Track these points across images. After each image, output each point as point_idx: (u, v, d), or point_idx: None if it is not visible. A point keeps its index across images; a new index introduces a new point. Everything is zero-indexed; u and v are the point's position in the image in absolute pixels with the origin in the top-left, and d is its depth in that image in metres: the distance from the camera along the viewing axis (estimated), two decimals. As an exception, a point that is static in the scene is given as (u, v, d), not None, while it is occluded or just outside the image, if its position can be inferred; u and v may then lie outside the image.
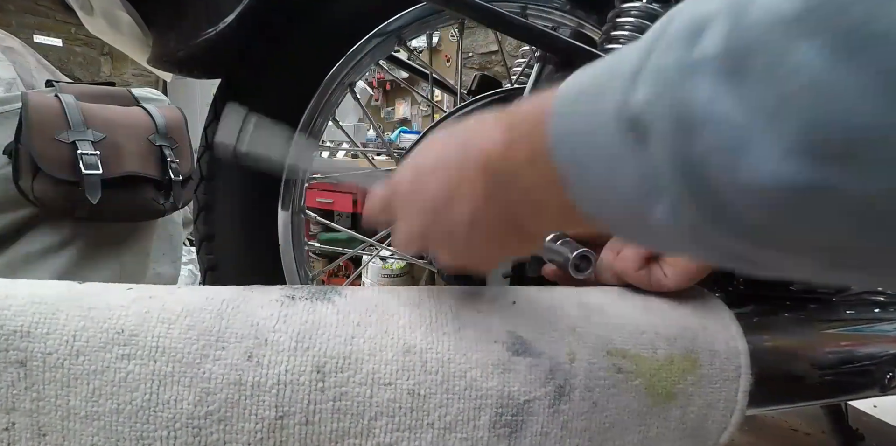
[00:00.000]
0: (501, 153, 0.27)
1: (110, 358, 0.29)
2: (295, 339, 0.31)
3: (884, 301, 0.56)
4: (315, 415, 0.30)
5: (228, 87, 0.56)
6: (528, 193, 0.26)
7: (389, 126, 3.54)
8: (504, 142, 0.27)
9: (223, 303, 0.32)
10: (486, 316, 0.35)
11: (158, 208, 1.09)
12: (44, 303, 0.30)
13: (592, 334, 0.35)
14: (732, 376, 0.37)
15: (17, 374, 0.29)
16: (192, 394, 0.29)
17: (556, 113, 0.23)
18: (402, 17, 0.57)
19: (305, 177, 0.61)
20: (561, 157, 0.23)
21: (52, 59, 2.76)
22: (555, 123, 0.23)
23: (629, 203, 0.21)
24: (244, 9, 0.47)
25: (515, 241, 0.31)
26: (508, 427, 0.32)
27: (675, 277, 0.39)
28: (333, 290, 0.36)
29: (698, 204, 0.18)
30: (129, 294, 0.32)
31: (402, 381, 0.31)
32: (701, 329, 0.38)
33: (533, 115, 0.25)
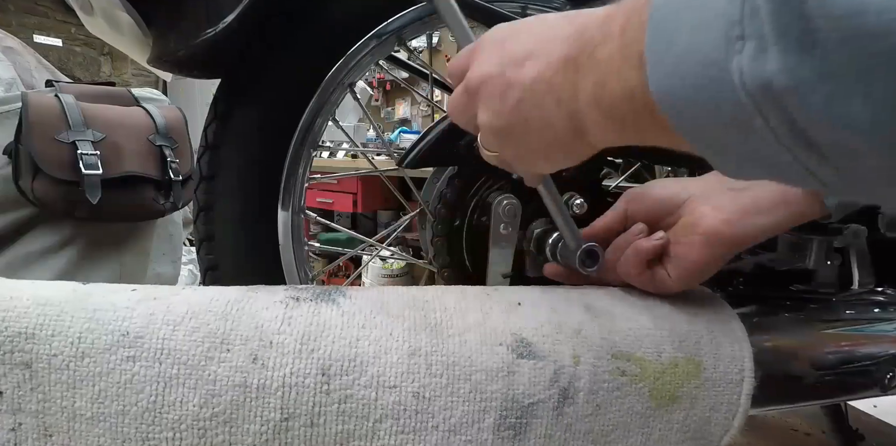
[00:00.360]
0: (598, 22, 0.26)
1: (115, 359, 0.29)
2: (300, 341, 0.31)
3: (884, 301, 0.56)
4: (320, 418, 0.30)
5: (228, 87, 0.56)
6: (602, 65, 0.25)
7: (389, 126, 3.54)
8: (605, 14, 0.26)
9: (228, 304, 0.32)
10: (491, 318, 0.35)
11: (158, 208, 1.09)
12: (48, 304, 0.30)
13: (597, 337, 0.35)
14: (736, 379, 0.37)
15: (22, 376, 0.29)
16: (198, 396, 0.29)
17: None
18: (402, 17, 0.57)
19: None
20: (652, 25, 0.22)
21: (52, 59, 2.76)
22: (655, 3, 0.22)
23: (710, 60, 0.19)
24: (244, 9, 0.47)
25: (563, 131, 0.29)
26: (513, 429, 0.32)
27: (679, 278, 0.39)
28: (338, 291, 0.36)
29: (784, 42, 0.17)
30: (134, 295, 0.32)
31: (406, 384, 0.31)
32: (706, 332, 0.38)
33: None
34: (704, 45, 0.20)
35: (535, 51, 0.29)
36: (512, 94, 0.30)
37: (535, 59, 0.29)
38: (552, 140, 0.30)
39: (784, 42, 0.17)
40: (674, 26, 0.21)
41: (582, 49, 0.27)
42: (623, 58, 0.24)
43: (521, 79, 0.29)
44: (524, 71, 0.29)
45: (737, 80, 0.19)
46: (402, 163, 0.53)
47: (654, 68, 0.22)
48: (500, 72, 0.30)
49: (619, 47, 0.24)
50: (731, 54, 0.19)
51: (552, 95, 0.28)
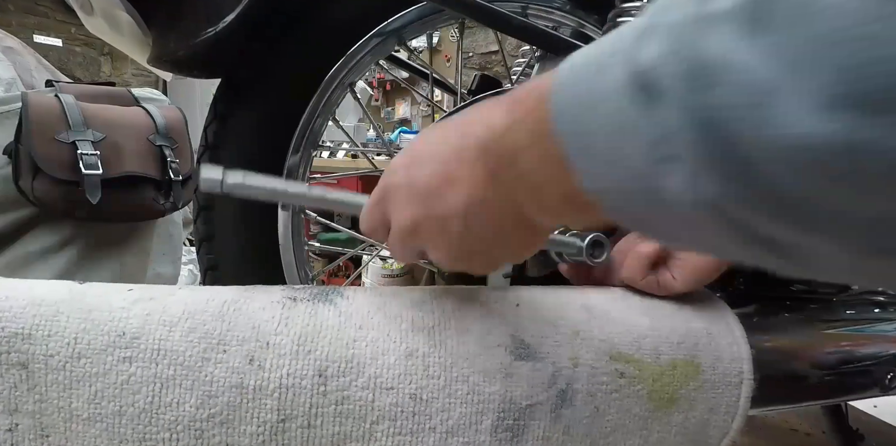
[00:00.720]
0: (501, 134, 0.26)
1: (112, 360, 0.29)
2: (297, 343, 0.31)
3: (884, 301, 0.56)
4: (317, 419, 0.30)
5: (228, 87, 0.56)
6: (529, 176, 0.25)
7: (389, 126, 3.54)
8: (504, 124, 0.26)
9: (224, 304, 0.32)
10: (489, 319, 0.35)
11: (158, 208, 1.09)
12: (44, 304, 0.30)
13: (596, 338, 0.35)
14: (735, 381, 0.37)
15: (19, 376, 0.29)
16: (194, 397, 0.29)
17: (556, 89, 0.22)
18: (402, 17, 0.57)
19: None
20: (563, 132, 0.21)
21: (52, 59, 2.76)
22: (556, 98, 0.22)
23: (639, 174, 0.19)
24: (244, 9, 0.47)
25: (516, 234, 0.29)
26: (510, 431, 0.32)
27: (684, 280, 0.39)
28: (335, 291, 0.35)
29: (720, 168, 0.16)
30: (130, 295, 0.32)
31: (404, 386, 0.31)
32: (704, 333, 0.38)
33: (533, 95, 0.24)
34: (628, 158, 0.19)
35: (449, 177, 0.28)
36: (452, 226, 0.28)
37: (454, 186, 0.28)
38: (511, 244, 0.30)
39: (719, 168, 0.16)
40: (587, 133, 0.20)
41: (498, 163, 0.26)
42: (547, 166, 0.23)
43: (453, 209, 0.28)
44: (451, 201, 0.28)
45: (674, 198, 0.18)
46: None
47: (584, 176, 0.21)
48: (429, 210, 0.29)
49: (539, 157, 0.24)
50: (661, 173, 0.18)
51: (492, 212, 0.28)
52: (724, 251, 0.21)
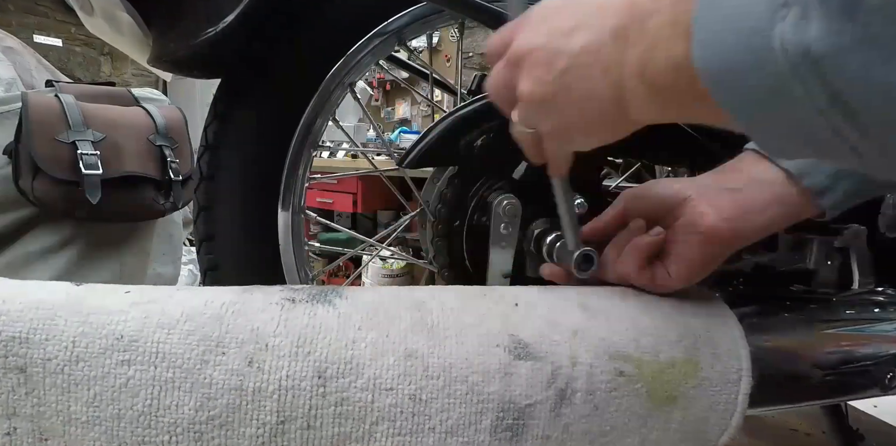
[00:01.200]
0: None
1: (110, 363, 0.29)
2: (296, 344, 0.31)
3: (884, 301, 0.56)
4: (317, 420, 0.30)
5: (228, 87, 0.56)
6: (652, 36, 0.25)
7: (389, 126, 3.54)
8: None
9: (222, 306, 0.32)
10: (488, 319, 0.35)
11: (158, 208, 1.09)
12: (41, 308, 0.30)
13: (595, 337, 0.35)
14: (733, 378, 0.37)
15: (17, 380, 0.29)
16: (194, 400, 0.29)
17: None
18: (402, 17, 0.57)
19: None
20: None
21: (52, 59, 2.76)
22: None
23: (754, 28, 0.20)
24: (244, 9, 0.47)
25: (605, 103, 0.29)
26: (510, 430, 0.32)
27: (678, 276, 0.39)
28: (334, 292, 0.35)
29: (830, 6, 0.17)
30: (128, 297, 0.32)
31: (403, 386, 0.31)
32: (703, 331, 0.38)
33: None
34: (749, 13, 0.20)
35: (585, 21, 0.29)
36: (558, 62, 0.29)
37: (584, 30, 0.29)
38: (594, 112, 0.30)
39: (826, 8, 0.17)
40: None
41: (632, 19, 0.27)
42: (672, 28, 0.24)
43: (569, 47, 0.29)
44: (572, 40, 0.29)
45: (778, 48, 0.19)
46: (402, 163, 0.53)
47: (698, 38, 0.22)
48: (547, 42, 0.30)
49: (670, 18, 0.25)
50: (775, 21, 0.19)
51: (599, 65, 0.28)
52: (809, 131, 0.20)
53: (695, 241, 0.39)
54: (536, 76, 0.31)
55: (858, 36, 0.17)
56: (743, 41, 0.20)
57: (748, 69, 0.21)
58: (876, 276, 0.59)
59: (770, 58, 0.19)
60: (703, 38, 0.22)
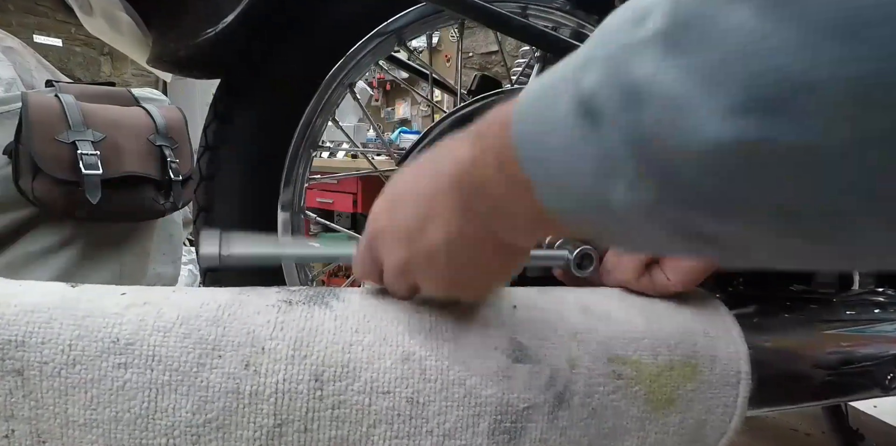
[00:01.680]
0: (470, 166, 0.27)
1: (107, 366, 0.29)
2: (292, 347, 0.31)
3: (884, 301, 0.56)
4: (314, 423, 0.30)
5: (228, 87, 0.56)
6: (499, 202, 0.27)
7: (389, 126, 3.54)
8: (470, 157, 0.27)
9: (219, 309, 0.32)
10: (487, 321, 0.35)
11: (158, 208, 1.09)
12: (37, 311, 0.30)
13: (594, 341, 0.35)
14: (732, 381, 0.37)
15: (14, 383, 0.29)
16: (190, 403, 0.29)
17: (515, 118, 0.24)
18: (402, 17, 0.57)
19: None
20: (524, 158, 0.23)
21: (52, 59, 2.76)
22: (516, 127, 0.24)
23: (589, 190, 0.21)
24: (244, 9, 0.47)
25: (498, 258, 0.31)
26: (507, 434, 0.32)
27: (678, 280, 0.39)
28: (331, 293, 0.35)
29: (653, 177, 0.18)
30: (123, 300, 0.32)
31: (400, 389, 0.31)
32: (702, 334, 0.38)
33: (496, 125, 0.26)
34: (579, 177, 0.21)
35: (426, 214, 0.30)
36: (438, 259, 0.30)
37: (432, 222, 0.29)
38: (497, 267, 0.32)
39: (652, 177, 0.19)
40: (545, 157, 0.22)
41: (469, 195, 0.28)
42: (514, 192, 0.25)
43: (435, 244, 0.30)
44: (431, 237, 0.29)
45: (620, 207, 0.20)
46: (402, 164, 0.53)
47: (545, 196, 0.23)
48: (413, 248, 0.30)
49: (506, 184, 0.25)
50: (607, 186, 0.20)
51: (471, 242, 0.29)
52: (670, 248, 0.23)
53: None
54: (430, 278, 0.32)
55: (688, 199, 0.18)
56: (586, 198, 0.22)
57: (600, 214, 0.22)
58: (876, 276, 0.59)
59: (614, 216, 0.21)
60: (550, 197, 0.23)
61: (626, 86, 0.18)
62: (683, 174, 0.18)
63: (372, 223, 0.33)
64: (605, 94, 0.19)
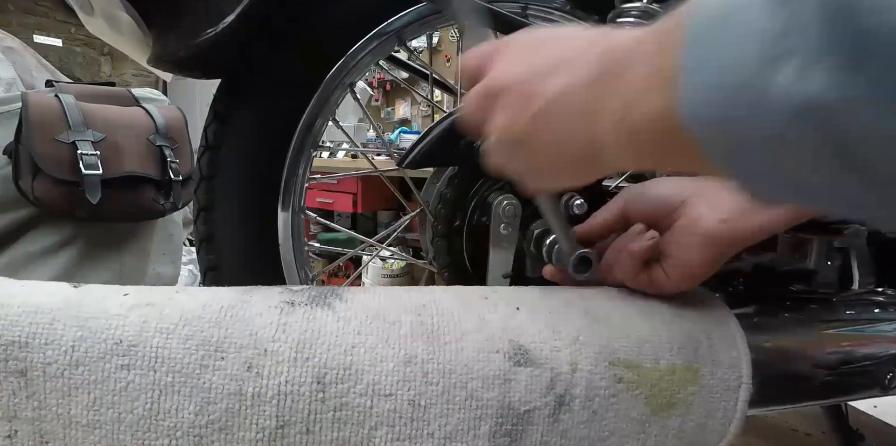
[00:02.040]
0: (629, 44, 0.26)
1: (110, 368, 0.29)
2: (295, 349, 0.31)
3: (884, 301, 0.56)
4: (316, 425, 0.30)
5: (228, 87, 0.56)
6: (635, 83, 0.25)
7: (389, 126, 3.54)
8: (637, 36, 0.26)
9: (221, 310, 0.32)
10: (489, 324, 0.35)
11: (158, 208, 1.09)
12: (39, 312, 0.30)
13: (595, 344, 0.35)
14: (733, 385, 0.37)
15: (17, 384, 0.29)
16: (193, 404, 0.29)
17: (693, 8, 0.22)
18: (402, 17, 0.57)
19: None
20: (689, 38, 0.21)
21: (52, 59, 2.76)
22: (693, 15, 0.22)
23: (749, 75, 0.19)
24: (244, 9, 0.47)
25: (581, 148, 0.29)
26: (508, 436, 0.32)
27: (676, 279, 0.39)
28: (334, 294, 0.35)
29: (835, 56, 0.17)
30: (126, 300, 0.32)
31: (402, 392, 0.31)
32: (704, 337, 0.38)
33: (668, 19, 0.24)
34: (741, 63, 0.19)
35: (562, 65, 0.29)
36: (534, 104, 0.29)
37: (561, 73, 0.28)
38: (565, 157, 0.30)
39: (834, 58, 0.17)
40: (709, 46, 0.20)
41: (610, 70, 0.26)
42: (654, 80, 0.24)
43: (546, 90, 0.29)
44: (550, 83, 0.28)
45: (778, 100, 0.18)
46: (402, 164, 0.53)
47: (686, 92, 0.21)
48: (525, 80, 0.30)
49: (650, 70, 0.24)
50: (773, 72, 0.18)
51: (575, 111, 0.28)
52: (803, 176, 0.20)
53: (693, 243, 0.38)
54: (510, 114, 0.30)
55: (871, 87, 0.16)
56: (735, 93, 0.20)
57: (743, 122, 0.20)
58: (876, 276, 0.59)
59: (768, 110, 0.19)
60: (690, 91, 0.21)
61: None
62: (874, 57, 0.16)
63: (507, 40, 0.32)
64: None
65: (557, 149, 0.30)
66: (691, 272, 0.39)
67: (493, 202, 0.51)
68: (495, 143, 0.33)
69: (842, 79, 0.17)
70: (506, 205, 0.51)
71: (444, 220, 0.54)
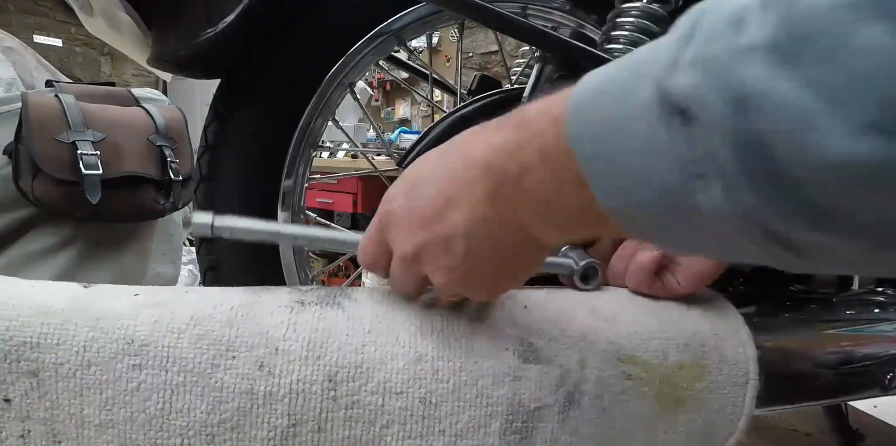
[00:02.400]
0: (508, 153, 0.26)
1: (122, 368, 0.29)
2: (306, 348, 0.31)
3: (884, 301, 0.56)
4: (327, 423, 0.31)
5: (228, 87, 0.56)
6: (536, 193, 0.26)
7: (389, 126, 3.54)
8: (511, 143, 0.26)
9: (232, 310, 0.32)
10: (498, 322, 0.35)
11: (158, 208, 1.09)
12: (51, 313, 0.30)
13: (604, 341, 0.35)
14: (741, 382, 0.37)
15: (30, 384, 0.29)
16: (205, 403, 0.30)
17: (574, 110, 0.23)
18: (402, 17, 0.57)
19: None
20: (583, 153, 0.23)
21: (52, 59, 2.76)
22: (574, 120, 0.23)
23: (668, 191, 0.20)
24: (244, 8, 0.47)
25: (519, 252, 0.29)
26: (519, 433, 0.33)
27: (688, 284, 0.39)
28: (343, 294, 0.35)
29: (758, 184, 0.18)
30: (137, 300, 0.32)
31: (413, 390, 0.31)
32: (711, 334, 0.38)
33: (544, 115, 0.25)
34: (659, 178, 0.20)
35: (450, 197, 0.28)
36: (455, 246, 0.29)
37: (456, 206, 0.28)
38: (515, 263, 0.30)
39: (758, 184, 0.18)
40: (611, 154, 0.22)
41: (501, 181, 0.27)
42: (558, 184, 0.24)
43: (455, 229, 0.28)
44: (452, 220, 0.28)
45: (709, 210, 0.20)
46: (401, 164, 0.53)
47: (604, 194, 0.23)
48: (430, 233, 0.29)
49: (550, 175, 0.25)
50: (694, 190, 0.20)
51: (494, 230, 0.28)
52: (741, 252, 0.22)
53: None
54: (442, 266, 0.30)
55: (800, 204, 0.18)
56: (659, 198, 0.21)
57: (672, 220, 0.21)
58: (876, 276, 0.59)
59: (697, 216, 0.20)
60: (607, 190, 0.22)
61: (731, 91, 0.18)
62: (797, 185, 0.17)
63: (385, 205, 0.32)
64: (707, 96, 0.18)
65: (505, 263, 0.30)
66: (702, 276, 0.39)
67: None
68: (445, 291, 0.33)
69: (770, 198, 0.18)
70: (506, 205, 0.50)
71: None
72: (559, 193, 0.25)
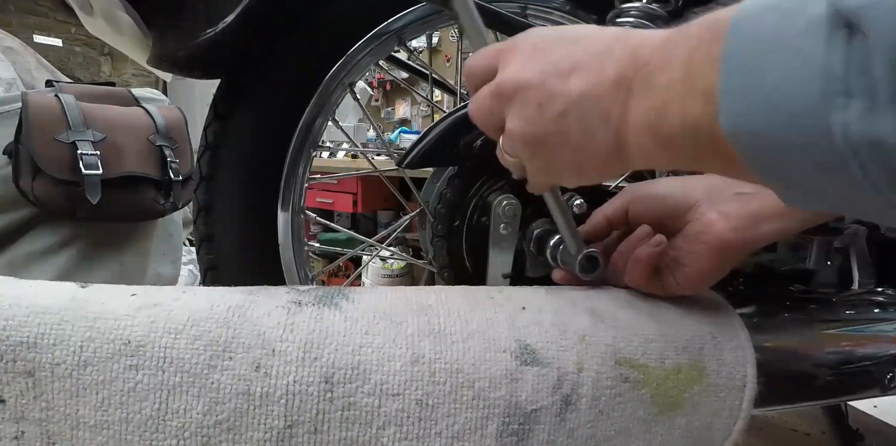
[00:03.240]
0: (658, 47, 0.25)
1: (118, 368, 0.29)
2: (303, 349, 0.31)
3: (884, 301, 0.56)
4: (324, 425, 0.31)
5: (228, 87, 0.56)
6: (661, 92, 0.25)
7: (389, 126, 3.54)
8: (665, 39, 0.25)
9: (229, 310, 0.32)
10: (495, 324, 0.35)
11: (158, 208, 1.09)
12: (48, 312, 0.30)
13: (601, 343, 0.35)
14: (738, 385, 0.37)
15: (25, 384, 0.29)
16: (201, 404, 0.30)
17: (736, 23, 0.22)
18: (402, 17, 0.57)
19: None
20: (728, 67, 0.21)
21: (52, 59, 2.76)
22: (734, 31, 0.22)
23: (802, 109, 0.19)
24: (244, 8, 0.47)
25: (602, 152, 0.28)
26: (515, 435, 0.33)
27: (687, 284, 0.39)
28: (341, 294, 0.35)
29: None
30: (134, 301, 0.32)
31: (410, 392, 0.31)
32: (710, 337, 0.38)
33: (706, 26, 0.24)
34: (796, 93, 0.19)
35: (583, 64, 0.28)
36: (554, 104, 0.28)
37: (582, 73, 0.27)
38: (588, 157, 0.29)
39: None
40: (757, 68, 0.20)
41: (636, 71, 0.26)
42: (687, 89, 0.23)
43: (566, 91, 0.28)
44: (570, 83, 0.28)
45: (838, 134, 0.19)
46: (401, 164, 0.53)
47: (728, 106, 0.21)
48: (542, 80, 0.29)
49: (683, 77, 0.24)
50: (832, 108, 0.18)
51: (599, 113, 0.27)
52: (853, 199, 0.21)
53: (703, 251, 0.38)
54: (527, 116, 0.29)
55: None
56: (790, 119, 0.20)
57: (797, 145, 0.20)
58: (876, 276, 0.59)
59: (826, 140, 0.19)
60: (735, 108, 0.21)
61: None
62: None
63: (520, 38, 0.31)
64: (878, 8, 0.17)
65: (579, 150, 0.29)
66: (702, 278, 0.39)
67: (492, 202, 0.51)
68: (510, 144, 0.32)
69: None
70: (505, 206, 0.51)
71: (443, 220, 0.54)
72: (683, 101, 0.24)
